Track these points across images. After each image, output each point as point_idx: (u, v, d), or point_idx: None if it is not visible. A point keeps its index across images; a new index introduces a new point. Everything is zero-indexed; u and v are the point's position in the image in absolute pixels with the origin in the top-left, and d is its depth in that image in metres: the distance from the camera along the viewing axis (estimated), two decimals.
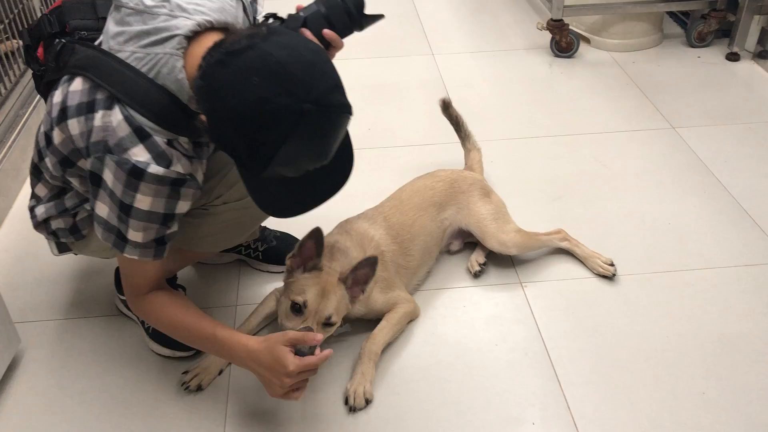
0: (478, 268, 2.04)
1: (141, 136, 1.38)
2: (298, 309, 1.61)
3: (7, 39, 2.50)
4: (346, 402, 1.69)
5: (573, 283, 2.03)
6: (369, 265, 1.69)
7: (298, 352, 1.48)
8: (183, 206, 1.48)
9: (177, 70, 1.37)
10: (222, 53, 1.25)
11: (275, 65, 1.22)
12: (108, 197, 1.43)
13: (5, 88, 2.47)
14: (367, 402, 1.69)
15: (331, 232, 1.91)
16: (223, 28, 1.42)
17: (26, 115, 2.54)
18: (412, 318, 1.90)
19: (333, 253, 1.78)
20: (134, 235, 1.46)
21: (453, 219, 2.06)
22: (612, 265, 2.04)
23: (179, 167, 1.42)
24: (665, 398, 1.70)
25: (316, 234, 1.67)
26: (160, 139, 1.39)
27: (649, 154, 2.60)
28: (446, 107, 2.34)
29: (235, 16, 1.49)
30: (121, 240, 1.47)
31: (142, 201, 1.41)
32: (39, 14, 2.68)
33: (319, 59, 1.28)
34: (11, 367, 1.79)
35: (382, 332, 1.80)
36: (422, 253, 1.98)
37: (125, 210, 1.42)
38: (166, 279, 1.69)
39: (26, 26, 2.43)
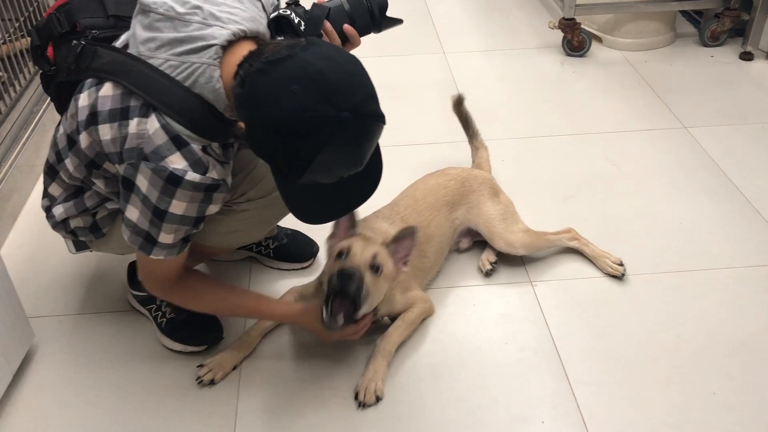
0: (489, 267, 2.04)
1: (178, 144, 1.39)
2: (344, 255, 1.64)
3: (22, 37, 2.53)
4: (356, 397, 1.70)
5: (583, 283, 2.03)
6: (410, 235, 1.72)
7: (327, 326, 1.62)
8: (213, 209, 1.50)
9: (215, 80, 1.38)
10: (262, 62, 1.28)
11: (315, 74, 1.25)
12: (140, 202, 1.44)
13: (20, 86, 2.49)
14: (378, 399, 1.69)
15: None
16: (254, 37, 1.43)
17: (40, 113, 2.57)
18: (426, 316, 1.91)
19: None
20: (165, 237, 1.48)
21: (463, 218, 2.06)
22: (621, 264, 2.03)
23: (214, 173, 1.44)
24: (675, 398, 1.69)
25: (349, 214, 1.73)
26: (196, 147, 1.41)
27: (661, 154, 2.59)
28: (459, 103, 2.33)
29: (266, 27, 1.50)
30: (149, 243, 1.49)
31: (177, 206, 1.43)
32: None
33: (357, 69, 1.32)
34: (25, 361, 1.81)
35: (397, 331, 1.81)
36: (436, 254, 1.99)
37: (159, 215, 1.44)
38: None
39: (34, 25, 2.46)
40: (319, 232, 2.10)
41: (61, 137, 1.55)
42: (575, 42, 3.23)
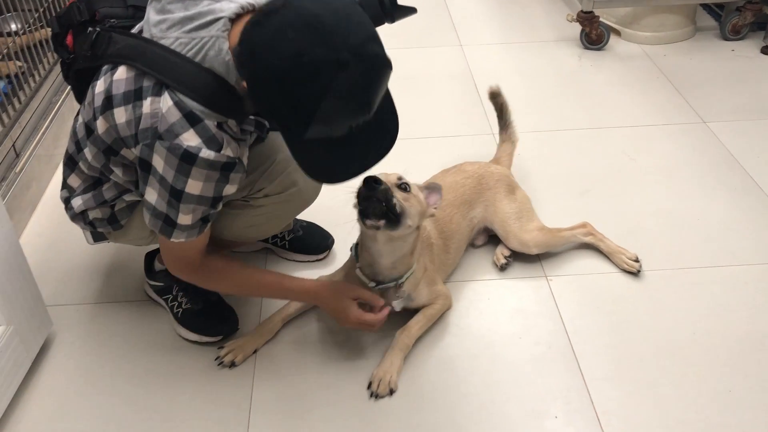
0: (503, 261, 2.04)
1: (192, 120, 1.39)
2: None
3: (42, 27, 2.55)
4: (369, 387, 1.71)
5: (599, 278, 2.02)
6: (437, 189, 1.77)
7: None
8: (230, 189, 1.50)
9: (224, 52, 1.38)
10: (258, 15, 1.27)
11: (310, 18, 1.23)
12: (158, 183, 1.44)
13: (39, 76, 2.51)
14: (391, 392, 1.70)
15: None
16: None
17: (59, 102, 2.59)
18: (445, 311, 1.90)
19: None
20: (183, 218, 1.48)
21: (481, 218, 2.06)
22: (637, 261, 2.02)
23: (229, 151, 1.43)
24: (690, 395, 1.68)
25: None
26: (210, 123, 1.41)
27: (679, 149, 2.57)
28: (494, 96, 2.30)
29: None
30: (168, 225, 1.49)
31: (193, 186, 1.43)
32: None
33: (354, 11, 1.29)
34: (43, 349, 1.84)
35: (417, 325, 1.81)
36: (456, 252, 1.99)
37: (176, 195, 1.44)
38: None
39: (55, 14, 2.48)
40: (335, 225, 2.11)
41: (80, 127, 1.57)
42: (593, 35, 3.21)
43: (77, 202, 1.66)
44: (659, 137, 2.64)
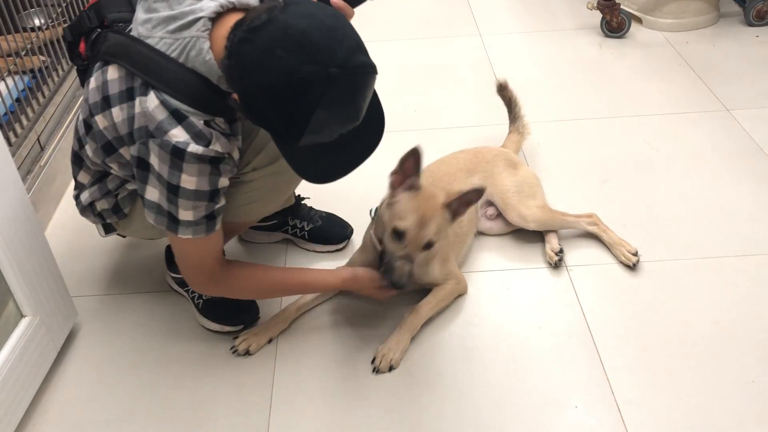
0: (557, 258, 2.02)
1: (178, 118, 1.43)
2: (399, 235, 1.66)
3: (65, 22, 2.57)
4: (373, 361, 1.74)
5: (619, 268, 2.01)
6: (476, 192, 1.69)
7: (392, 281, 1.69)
8: (224, 181, 1.52)
9: (204, 51, 1.40)
10: (244, 30, 1.29)
11: (297, 35, 1.25)
12: (156, 180, 1.47)
13: (62, 70, 2.54)
14: (391, 369, 1.73)
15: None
16: (245, 9, 1.45)
17: (82, 97, 2.62)
18: (459, 294, 1.92)
19: None
20: (184, 214, 1.50)
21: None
22: (636, 254, 2.00)
23: (218, 146, 1.46)
24: (712, 386, 1.67)
25: (415, 152, 1.65)
26: (196, 120, 1.43)
27: (702, 138, 2.54)
28: (502, 89, 2.34)
29: (256, 0, 1.51)
30: (173, 222, 1.52)
31: (188, 181, 1.45)
32: None
33: (339, 23, 1.31)
34: (69, 339, 1.87)
35: (427, 306, 1.83)
36: (468, 221, 2.00)
37: (173, 190, 1.46)
38: None
39: (69, 21, 2.51)
40: (354, 214, 2.12)
41: (80, 124, 1.61)
42: (614, 23, 3.17)
43: (84, 196, 1.71)
44: (682, 125, 2.61)
